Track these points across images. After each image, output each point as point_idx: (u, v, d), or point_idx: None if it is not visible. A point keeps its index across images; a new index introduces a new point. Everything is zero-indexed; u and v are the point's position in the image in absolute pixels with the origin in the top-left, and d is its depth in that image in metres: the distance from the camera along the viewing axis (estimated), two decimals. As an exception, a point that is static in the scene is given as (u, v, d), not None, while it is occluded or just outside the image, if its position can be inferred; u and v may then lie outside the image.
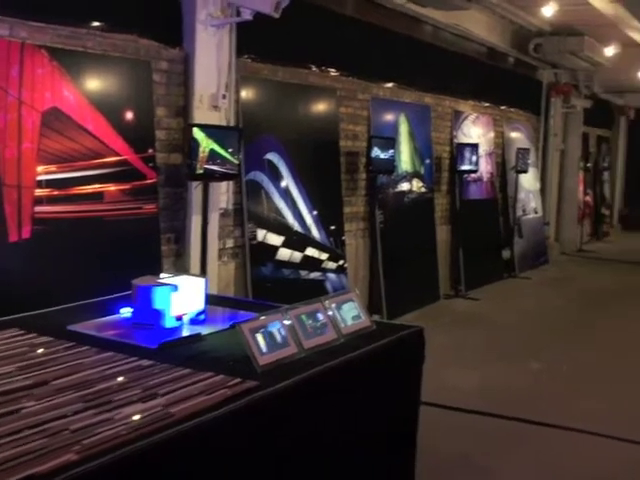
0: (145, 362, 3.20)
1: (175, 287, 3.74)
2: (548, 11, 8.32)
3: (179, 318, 3.77)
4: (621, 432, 5.79)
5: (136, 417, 2.60)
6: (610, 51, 11.39)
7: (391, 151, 8.90)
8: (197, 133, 5.86)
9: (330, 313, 3.78)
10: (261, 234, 7.17)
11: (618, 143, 20.33)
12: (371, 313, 8.78)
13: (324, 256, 7.97)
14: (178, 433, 2.53)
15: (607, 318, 9.94)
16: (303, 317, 3.59)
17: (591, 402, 6.51)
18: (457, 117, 11.29)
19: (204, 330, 3.74)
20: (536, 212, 14.09)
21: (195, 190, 6.20)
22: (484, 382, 6.93)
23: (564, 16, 10.23)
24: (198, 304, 3.91)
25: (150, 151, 5.87)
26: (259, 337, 3.28)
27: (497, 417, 6.03)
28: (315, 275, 7.82)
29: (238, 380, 3.00)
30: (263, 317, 3.43)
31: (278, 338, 3.37)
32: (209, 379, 3.02)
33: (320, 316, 3.69)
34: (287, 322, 3.47)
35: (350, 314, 3.90)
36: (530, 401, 6.48)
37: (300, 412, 3.17)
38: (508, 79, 12.81)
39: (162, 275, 4.07)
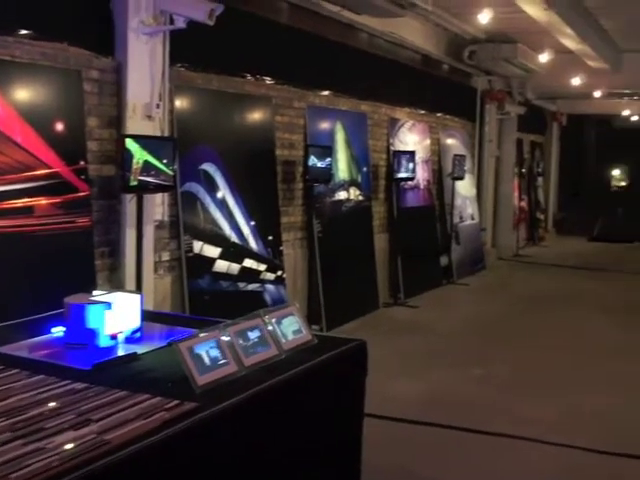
0: (79, 385, 3.06)
1: (109, 305, 3.61)
2: (484, 18, 8.33)
3: (114, 337, 3.63)
4: (562, 438, 5.80)
5: (69, 446, 2.46)
6: (543, 58, 11.49)
7: (328, 159, 8.84)
8: (130, 144, 5.71)
9: (270, 328, 3.68)
10: (197, 246, 7.04)
11: (551, 149, 20.61)
12: (310, 323, 8.67)
13: (262, 267, 7.87)
14: (114, 462, 2.40)
15: (546, 323, 10.01)
16: (242, 333, 3.49)
17: (533, 408, 6.51)
18: (393, 124, 11.28)
19: (140, 349, 3.60)
20: (473, 218, 14.17)
21: (129, 202, 6.05)
22: (426, 391, 6.89)
23: (498, 24, 10.30)
24: (133, 322, 3.78)
25: (82, 163, 5.71)
26: (197, 355, 3.16)
27: (440, 427, 5.99)
28: (253, 287, 7.71)
29: (176, 402, 2.88)
30: (201, 334, 3.30)
31: (217, 356, 3.25)
32: (146, 401, 2.89)
33: (260, 332, 3.59)
34: (226, 339, 3.36)
35: (291, 328, 3.81)
36: (473, 409, 6.46)
37: (242, 432, 3.06)
38: (443, 86, 12.87)
39: (95, 292, 3.93)
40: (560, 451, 5.64)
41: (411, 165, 10.97)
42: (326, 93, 9.51)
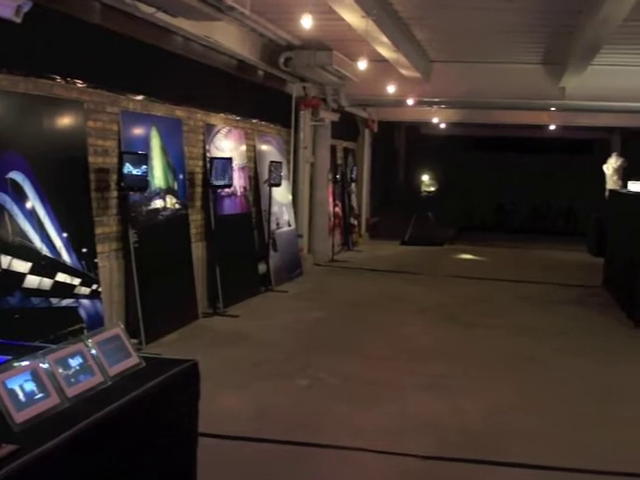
0: None
1: None
2: (306, 23, 8.25)
3: None
4: (394, 445, 5.81)
5: None
6: (361, 66, 11.58)
7: (144, 167, 8.50)
8: None
9: (94, 353, 3.38)
10: (6, 261, 6.54)
11: (363, 155, 20.94)
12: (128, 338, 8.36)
13: (76, 281, 7.43)
14: None
15: (367, 327, 10.09)
16: (63, 361, 3.17)
17: (364, 416, 6.49)
18: (209, 131, 11.05)
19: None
20: (289, 225, 14.13)
21: None
22: (254, 405, 6.73)
23: (314, 30, 10.24)
24: None
25: None
26: (13, 388, 2.83)
27: (272, 442, 5.84)
28: (68, 302, 7.26)
29: (-8, 445, 2.57)
30: (15, 363, 2.98)
31: (36, 388, 2.94)
32: (-46, 447, 2.56)
33: (82, 358, 3.29)
34: (45, 367, 3.05)
35: (116, 352, 3.53)
36: (303, 421, 6.35)
37: (71, 470, 2.77)
38: (259, 92, 12.77)
39: None
40: (393, 459, 5.62)
41: (228, 172, 10.77)
42: (140, 98, 9.16)
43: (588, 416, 6.81)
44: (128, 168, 8.21)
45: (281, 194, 13.64)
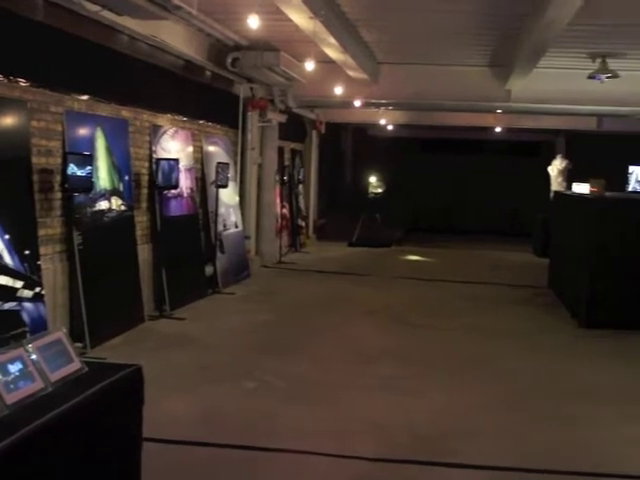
0: None
1: None
2: (254, 23, 8.19)
3: None
4: (342, 448, 5.78)
5: None
6: (308, 67, 11.56)
7: (88, 168, 8.37)
8: None
9: (34, 358, 3.29)
10: (-55, 263, 6.39)
11: (311, 156, 20.91)
12: (73, 342, 8.21)
13: (19, 284, 7.27)
14: None
15: (314, 329, 10.04)
16: (2, 367, 3.09)
17: (312, 419, 6.45)
18: (156, 131, 10.92)
19: None
20: (237, 226, 14.04)
21: None
22: (201, 409, 6.65)
23: (262, 31, 10.22)
24: None
25: None
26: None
27: (219, 447, 5.78)
28: (10, 306, 7.10)
29: None
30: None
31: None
32: None
33: (22, 363, 3.21)
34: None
35: (58, 357, 3.45)
36: (250, 425, 6.29)
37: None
38: (206, 93, 12.66)
39: None
40: (341, 462, 5.60)
41: (174, 173, 10.66)
42: (85, 98, 9.01)
43: (534, 415, 6.86)
44: (72, 169, 8.07)
45: (228, 195, 13.55)
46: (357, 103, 15.83)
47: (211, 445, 5.79)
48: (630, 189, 11.11)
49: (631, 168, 11.22)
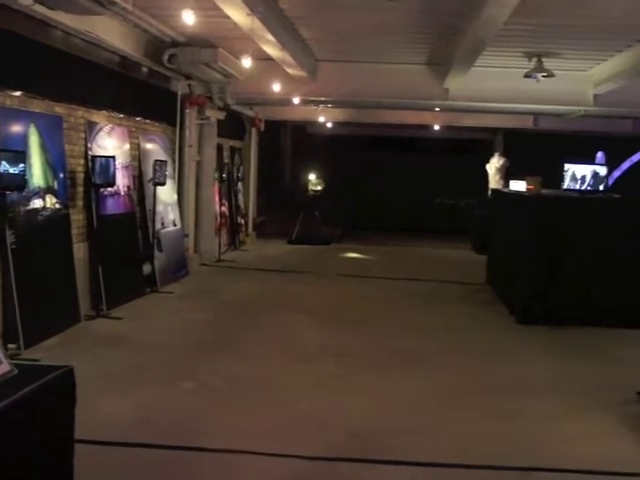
0: None
1: None
2: (189, 19, 8.09)
3: None
4: (283, 447, 5.76)
5: None
6: (245, 64, 11.50)
7: (21, 165, 8.19)
8: None
9: (-39, 361, 3.21)
10: None
11: (250, 154, 20.82)
12: (6, 343, 8.06)
13: (-51, 284, 7.12)
14: None
15: (254, 328, 10.00)
16: None
17: (251, 419, 6.42)
18: (92, 128, 10.76)
19: None
20: (175, 224, 13.92)
21: None
22: (137, 409, 6.56)
23: (199, 27, 10.14)
24: None
25: None
26: None
27: (156, 448, 5.71)
28: (-61, 306, 6.96)
29: None
30: None
31: None
32: None
33: (-52, 367, 3.12)
34: None
35: (-14, 360, 3.36)
36: (188, 425, 6.23)
37: None
38: (143, 89, 12.52)
39: None
40: (279, 461, 5.58)
41: (111, 171, 10.52)
42: (18, 94, 8.83)
43: (471, 411, 6.91)
44: (4, 167, 7.89)
45: (166, 193, 13.42)
46: (296, 100, 15.82)
47: (147, 446, 5.71)
48: (565, 187, 11.25)
49: (567, 166, 11.33)
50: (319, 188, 21.22)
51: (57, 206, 9.54)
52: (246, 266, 15.81)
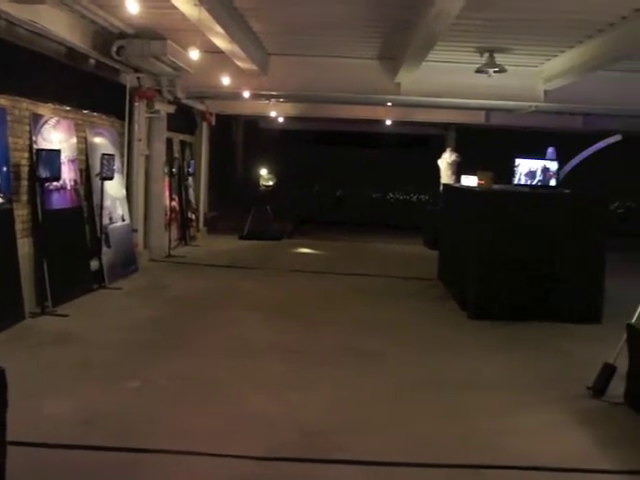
0: None
1: None
2: (132, 8, 7.91)
3: None
4: (231, 447, 5.65)
5: None
6: (193, 56, 11.33)
7: (-38, 158, 7.98)
8: None
9: None
10: None
11: (201, 148, 20.63)
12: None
13: None
14: None
15: (203, 325, 9.85)
16: None
17: (198, 419, 6.30)
18: (36, 121, 10.51)
19: None
20: (123, 219, 13.69)
21: None
22: (81, 409, 6.38)
23: (148, 19, 9.95)
24: None
25: None
26: None
27: (99, 449, 5.55)
28: None
29: None
30: None
31: None
32: None
33: None
34: None
35: None
36: (133, 426, 6.07)
37: None
38: (90, 82, 12.27)
39: None
40: (227, 461, 5.46)
41: (57, 165, 10.29)
42: (-42, 85, 8.60)
43: (421, 408, 6.87)
44: (-56, 159, 7.68)
45: (114, 188, 13.19)
46: (246, 94, 15.66)
47: (90, 448, 5.54)
48: (516, 182, 11.27)
49: (517, 161, 11.35)
50: (271, 183, 21.09)
51: (0, 200, 9.30)
52: (196, 262, 15.62)
